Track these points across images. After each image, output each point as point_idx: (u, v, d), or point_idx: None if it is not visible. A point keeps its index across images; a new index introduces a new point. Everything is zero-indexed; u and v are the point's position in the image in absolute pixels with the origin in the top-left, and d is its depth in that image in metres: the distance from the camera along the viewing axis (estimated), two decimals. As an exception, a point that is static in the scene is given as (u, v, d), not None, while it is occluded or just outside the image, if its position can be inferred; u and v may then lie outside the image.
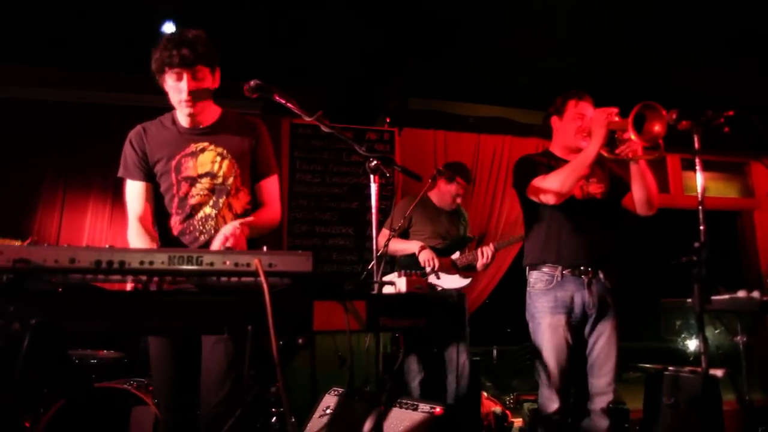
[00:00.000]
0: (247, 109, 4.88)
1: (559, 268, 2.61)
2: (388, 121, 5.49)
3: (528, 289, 2.73)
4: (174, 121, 2.23)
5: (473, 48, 4.76)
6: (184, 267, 1.37)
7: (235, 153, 2.21)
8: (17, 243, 3.36)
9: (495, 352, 6.80)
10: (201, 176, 2.17)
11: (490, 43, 4.71)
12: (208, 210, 2.17)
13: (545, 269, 2.65)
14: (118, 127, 2.37)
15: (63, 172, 4.90)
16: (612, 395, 2.57)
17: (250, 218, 2.13)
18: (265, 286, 1.31)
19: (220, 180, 2.18)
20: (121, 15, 4.10)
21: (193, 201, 2.17)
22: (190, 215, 2.17)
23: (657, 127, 2.25)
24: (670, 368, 2.80)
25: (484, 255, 3.71)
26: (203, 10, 4.04)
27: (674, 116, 2.02)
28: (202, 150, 2.19)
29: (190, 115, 2.15)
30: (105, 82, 5.01)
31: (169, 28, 4.08)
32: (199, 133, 2.21)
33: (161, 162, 2.18)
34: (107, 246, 1.37)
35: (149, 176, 2.20)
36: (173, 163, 2.17)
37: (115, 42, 4.36)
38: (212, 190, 2.18)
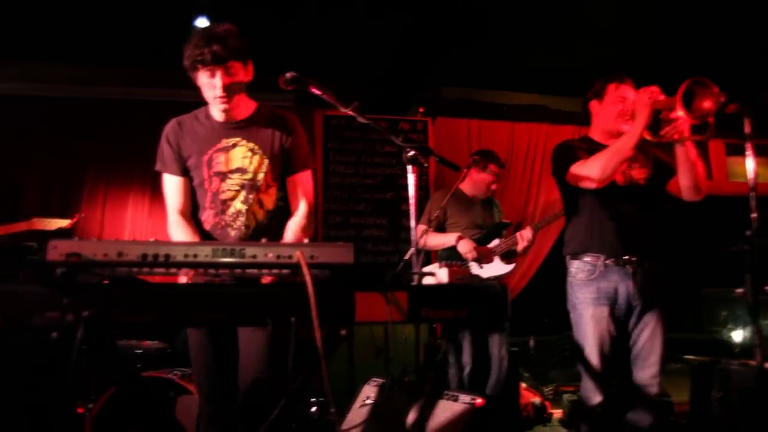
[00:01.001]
0: (279, 102, 4.94)
1: (602, 257, 2.52)
2: (421, 110, 5.46)
3: (569, 279, 2.64)
4: (208, 116, 2.23)
5: (507, 35, 4.68)
6: (228, 260, 1.39)
7: (266, 148, 2.20)
8: (66, 222, 3.42)
9: (532, 342, 6.72)
10: (232, 172, 2.17)
11: (525, 30, 4.63)
12: (238, 206, 2.18)
13: (587, 258, 2.57)
14: (156, 121, 2.40)
15: (105, 167, 5.06)
16: (657, 388, 2.49)
17: (293, 238, 2.12)
18: (308, 278, 1.32)
19: (250, 176, 2.18)
20: (158, 12, 4.18)
21: (224, 196, 2.18)
22: (222, 210, 2.18)
23: (706, 104, 2.12)
24: (722, 360, 2.69)
25: (524, 238, 3.67)
26: (235, 4, 4.07)
27: (723, 99, 1.93)
28: (234, 145, 2.19)
29: (225, 110, 2.15)
30: (142, 77, 5.12)
31: (202, 22, 4.12)
32: (231, 127, 2.20)
33: (194, 156, 2.19)
34: (152, 240, 1.40)
35: (185, 170, 2.22)
36: (205, 158, 2.18)
37: (153, 38, 4.43)
38: (242, 186, 2.18)
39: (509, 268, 3.76)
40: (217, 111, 2.18)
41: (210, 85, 2.08)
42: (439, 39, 4.61)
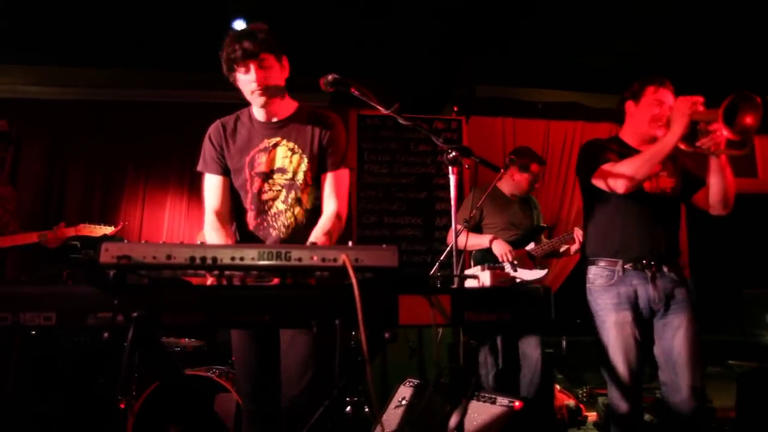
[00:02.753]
0: (314, 102, 4.97)
1: (620, 262, 2.48)
2: (455, 109, 5.43)
3: (587, 285, 2.60)
4: (250, 117, 2.27)
5: (541, 32, 4.62)
6: (273, 262, 1.40)
7: (306, 148, 2.21)
8: (110, 229, 3.61)
9: (564, 343, 6.63)
10: (273, 171, 2.20)
11: (559, 27, 4.55)
12: (280, 206, 2.20)
13: (603, 263, 2.53)
14: (193, 123, 2.44)
15: (143, 169, 5.17)
16: (698, 394, 2.41)
17: (323, 233, 2.10)
18: (354, 281, 1.32)
19: (290, 175, 2.20)
20: (195, 16, 4.24)
21: (265, 196, 2.20)
22: (264, 211, 2.21)
23: (749, 119, 2.07)
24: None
25: (577, 240, 3.61)
26: (271, 5, 4.11)
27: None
28: (275, 145, 2.21)
29: (264, 104, 2.17)
30: (181, 80, 5.21)
31: (239, 25, 4.16)
32: (273, 127, 2.23)
33: (236, 158, 2.22)
34: (200, 242, 1.42)
35: (226, 170, 2.25)
36: (247, 158, 2.21)
37: (190, 41, 4.51)
38: (283, 186, 2.20)
39: (543, 273, 3.70)
40: (257, 108, 2.21)
41: (246, 81, 2.12)
42: (474, 38, 4.56)
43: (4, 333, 2.92)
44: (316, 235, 2.11)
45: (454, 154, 1.89)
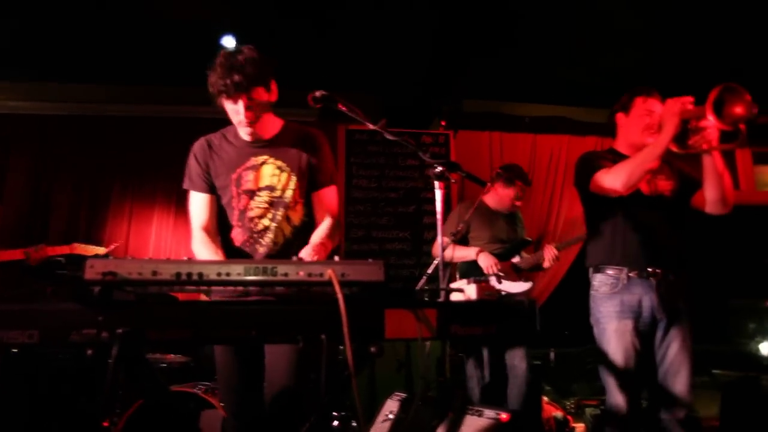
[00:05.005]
0: (302, 117, 4.99)
1: (625, 270, 2.49)
2: (443, 124, 5.47)
3: (592, 292, 2.61)
4: (236, 135, 2.26)
5: (528, 48, 4.68)
6: (259, 278, 1.41)
7: (294, 166, 2.23)
8: (103, 249, 3.62)
9: (552, 354, 6.64)
10: (261, 189, 2.21)
11: (546, 42, 4.62)
12: (266, 222, 2.20)
13: (609, 271, 2.53)
14: (179, 138, 2.44)
15: (130, 184, 5.14)
16: (689, 405, 2.43)
17: (320, 241, 2.12)
18: (340, 296, 1.32)
19: (279, 193, 2.21)
20: (183, 31, 4.25)
21: (252, 214, 2.20)
22: (251, 228, 2.21)
23: (738, 109, 2.08)
24: (751, 376, 2.63)
25: (550, 253, 3.67)
26: (259, 21, 4.13)
27: (755, 111, 1.89)
28: (263, 163, 2.22)
29: (251, 133, 2.19)
30: (166, 95, 5.21)
31: (228, 41, 4.18)
32: (259, 146, 2.24)
33: (222, 176, 2.22)
34: (185, 258, 1.42)
35: (212, 188, 2.25)
36: (234, 176, 2.21)
37: (176, 56, 4.51)
38: (271, 203, 2.20)
39: (528, 285, 3.72)
40: (243, 133, 2.22)
41: (234, 111, 2.12)
42: (461, 53, 4.62)
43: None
44: (318, 236, 2.13)
45: (439, 168, 1.90)
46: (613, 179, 2.42)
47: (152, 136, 5.16)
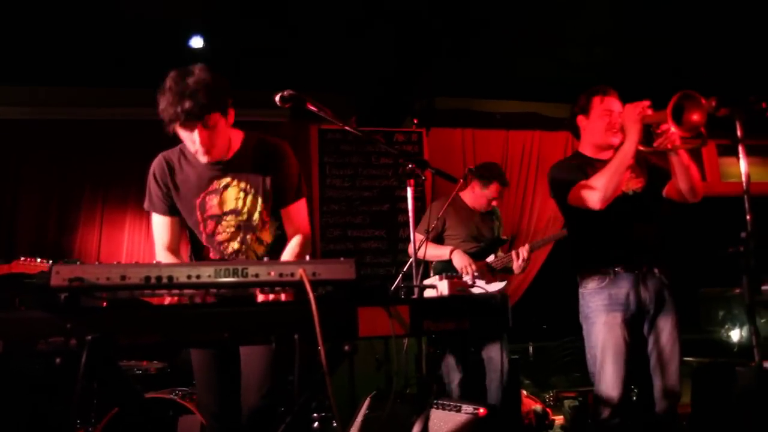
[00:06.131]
0: (273, 117, 4.96)
1: (611, 266, 2.53)
2: (415, 122, 5.49)
3: (580, 290, 2.64)
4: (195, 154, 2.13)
5: (498, 45, 4.73)
6: (231, 279, 1.40)
7: (258, 187, 2.15)
8: (45, 266, 3.46)
9: (531, 348, 6.71)
10: (226, 214, 2.15)
11: (515, 39, 4.68)
12: (236, 245, 2.17)
13: (594, 269, 2.57)
14: (152, 141, 2.39)
15: (101, 188, 5.04)
16: (679, 396, 2.47)
17: (293, 255, 2.09)
18: (311, 295, 1.32)
19: (245, 217, 2.15)
20: (153, 33, 4.18)
21: (220, 238, 2.17)
22: (220, 251, 2.18)
23: (696, 116, 2.17)
24: (721, 361, 2.68)
25: (519, 256, 3.61)
26: (228, 22, 4.09)
27: (714, 104, 1.95)
28: (226, 187, 2.15)
29: (209, 157, 2.06)
30: (138, 98, 5.11)
31: (196, 42, 4.13)
32: (221, 168, 2.13)
33: (185, 200, 2.16)
34: (155, 262, 1.40)
35: (173, 209, 2.18)
36: (197, 201, 2.15)
37: (145, 58, 4.45)
38: (238, 227, 2.16)
39: (501, 285, 3.67)
40: (202, 158, 2.08)
41: (189, 139, 2.00)
42: (430, 50, 4.65)
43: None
44: (287, 256, 2.09)
45: (410, 166, 1.91)
46: (589, 198, 2.47)
47: (123, 139, 5.05)
